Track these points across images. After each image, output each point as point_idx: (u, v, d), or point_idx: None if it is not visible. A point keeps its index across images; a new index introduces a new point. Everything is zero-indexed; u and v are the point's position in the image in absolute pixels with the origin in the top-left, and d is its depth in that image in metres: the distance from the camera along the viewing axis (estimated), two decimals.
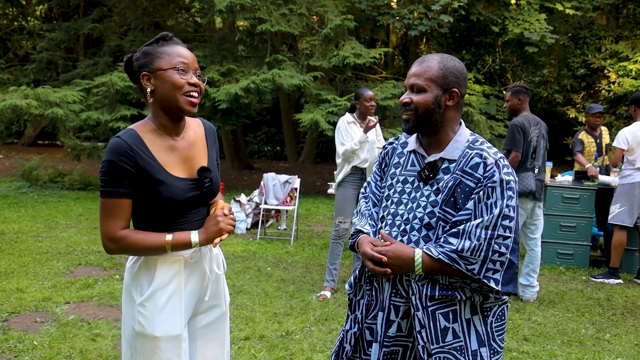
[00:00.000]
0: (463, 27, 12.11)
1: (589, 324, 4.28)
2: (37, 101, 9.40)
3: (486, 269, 1.67)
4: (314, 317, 4.15)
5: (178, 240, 1.76)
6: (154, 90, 1.76)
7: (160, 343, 1.75)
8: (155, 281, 1.77)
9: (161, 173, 1.75)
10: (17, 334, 3.63)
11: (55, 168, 11.49)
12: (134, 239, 1.73)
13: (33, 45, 14.96)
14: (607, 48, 12.60)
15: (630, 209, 5.41)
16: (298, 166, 15.14)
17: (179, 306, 1.79)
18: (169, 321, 1.77)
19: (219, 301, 1.94)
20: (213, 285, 1.91)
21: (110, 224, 1.72)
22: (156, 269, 1.78)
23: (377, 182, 1.95)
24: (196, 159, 1.85)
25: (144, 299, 1.77)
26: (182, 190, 1.77)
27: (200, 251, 1.86)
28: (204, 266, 1.86)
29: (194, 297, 1.86)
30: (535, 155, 4.79)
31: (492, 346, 1.75)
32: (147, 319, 1.75)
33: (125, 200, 1.72)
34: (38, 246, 6.06)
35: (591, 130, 6.47)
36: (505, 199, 1.69)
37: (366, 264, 1.75)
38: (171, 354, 1.76)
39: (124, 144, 1.70)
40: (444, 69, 1.74)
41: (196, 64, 1.80)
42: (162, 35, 1.81)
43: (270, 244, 6.68)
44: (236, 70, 10.33)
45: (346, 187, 4.82)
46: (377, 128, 5.01)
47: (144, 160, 1.72)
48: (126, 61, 1.82)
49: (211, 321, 1.92)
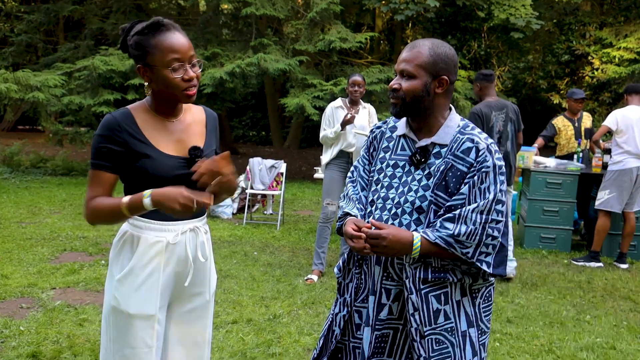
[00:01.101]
0: (449, 12, 12.11)
1: (570, 305, 4.37)
2: (17, 85, 9.23)
3: (479, 252, 1.70)
4: (300, 300, 4.19)
5: (131, 202, 1.69)
6: (150, 82, 1.76)
7: (134, 321, 1.77)
8: (134, 258, 1.78)
9: (148, 149, 1.76)
10: (3, 319, 3.61)
11: (37, 153, 11.33)
12: (98, 205, 1.74)
13: (11, 27, 14.64)
14: (591, 34, 12.70)
15: (619, 195, 5.44)
16: (283, 151, 15.10)
17: (156, 287, 1.79)
18: (144, 300, 1.78)
19: (202, 289, 1.92)
20: (198, 272, 1.88)
21: (89, 193, 1.77)
22: (137, 247, 1.79)
23: (365, 166, 1.95)
24: (190, 140, 1.85)
25: (122, 275, 1.78)
26: (169, 167, 1.77)
27: (185, 235, 1.83)
28: (188, 251, 1.83)
29: (173, 281, 1.84)
30: (501, 139, 4.79)
31: (480, 326, 1.79)
32: (123, 295, 1.77)
33: (106, 174, 1.76)
34: (22, 232, 6.00)
35: (571, 115, 6.53)
36: (498, 184, 1.73)
37: (348, 243, 1.76)
38: (143, 333, 1.78)
39: (113, 121, 1.75)
40: (434, 56, 1.74)
41: (191, 50, 1.75)
42: (154, 22, 1.74)
43: (256, 229, 6.69)
44: (221, 54, 10.24)
45: (333, 169, 4.83)
46: (371, 113, 4.98)
47: (130, 137, 1.74)
48: (123, 39, 1.79)
49: (193, 308, 1.90)
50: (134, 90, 9.82)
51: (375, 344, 1.78)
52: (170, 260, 1.81)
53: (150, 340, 1.78)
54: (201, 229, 1.88)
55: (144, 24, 1.75)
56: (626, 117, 5.44)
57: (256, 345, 3.36)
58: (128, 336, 1.77)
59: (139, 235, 1.79)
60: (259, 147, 16.89)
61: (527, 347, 3.52)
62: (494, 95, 4.90)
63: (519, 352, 3.44)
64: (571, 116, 6.52)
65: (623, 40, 11.54)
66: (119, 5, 12.28)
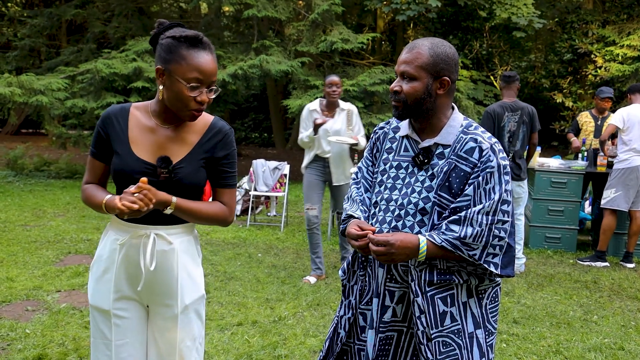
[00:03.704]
0: (450, 12, 12.09)
1: (576, 306, 4.35)
2: (20, 89, 9.25)
3: (487, 253, 1.69)
4: (306, 302, 4.18)
5: (108, 201, 1.69)
6: (163, 86, 1.74)
7: (94, 312, 1.86)
8: (98, 250, 1.89)
9: (121, 146, 1.79)
10: (9, 322, 3.61)
11: (40, 157, 11.35)
12: (88, 191, 1.82)
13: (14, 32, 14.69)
14: (594, 33, 12.66)
15: (626, 194, 5.43)
16: (286, 152, 15.10)
17: (109, 283, 1.82)
18: (100, 294, 1.84)
19: (170, 301, 1.82)
20: (161, 283, 1.81)
21: (84, 178, 1.88)
22: (104, 238, 1.88)
23: (368, 167, 1.94)
24: (171, 149, 1.79)
25: (91, 264, 1.90)
26: (132, 169, 1.77)
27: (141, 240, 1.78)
28: (140, 257, 1.78)
29: (127, 282, 1.82)
30: (512, 139, 5.02)
31: (487, 327, 1.77)
32: (90, 286, 1.88)
33: (96, 162, 1.85)
34: (26, 235, 6.01)
35: (597, 113, 6.58)
36: (503, 184, 1.70)
37: (352, 244, 1.75)
38: (102, 326, 1.84)
39: (110, 112, 1.84)
40: (434, 56, 1.71)
41: (214, 76, 1.72)
42: (195, 36, 1.71)
43: (260, 231, 6.68)
44: (223, 56, 10.25)
45: (311, 173, 4.72)
46: (350, 115, 4.67)
47: (114, 130, 1.81)
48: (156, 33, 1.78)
49: (163, 319, 1.85)
50: (136, 93, 9.83)
51: (379, 346, 1.76)
52: (124, 260, 1.81)
53: (109, 333, 1.82)
54: (167, 238, 1.80)
55: (184, 32, 1.72)
56: (632, 115, 5.43)
57: (262, 348, 3.35)
58: (93, 326, 1.87)
59: (108, 230, 1.88)
60: (261, 149, 16.90)
61: (535, 348, 3.50)
62: (512, 97, 5.13)
63: (526, 353, 3.42)
64: (597, 114, 6.57)
65: (626, 38, 11.50)
66: (121, 9, 12.32)
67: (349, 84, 9.77)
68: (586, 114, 6.70)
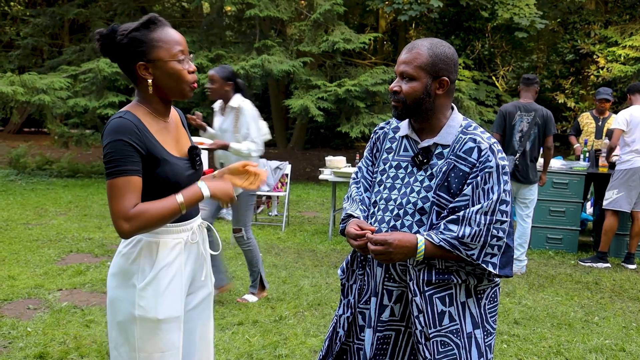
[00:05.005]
0: (452, 12, 12.09)
1: (577, 307, 4.35)
2: (23, 88, 9.28)
3: (485, 253, 1.69)
4: (306, 302, 4.18)
5: (189, 197, 1.72)
6: (154, 79, 1.71)
7: (162, 325, 1.74)
8: (157, 264, 1.75)
9: (164, 153, 1.73)
10: (11, 320, 3.62)
11: (43, 155, 11.38)
12: (149, 211, 1.64)
13: (17, 31, 14.72)
14: (596, 33, 12.64)
15: (628, 195, 5.42)
16: (288, 152, 15.10)
17: (179, 288, 1.79)
18: (171, 303, 1.76)
19: (207, 281, 1.96)
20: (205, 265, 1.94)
21: (123, 203, 1.63)
22: (158, 252, 1.76)
23: (368, 167, 1.94)
24: (182, 139, 1.86)
25: (146, 282, 1.73)
26: (182, 169, 1.77)
27: (200, 231, 1.88)
28: (201, 247, 1.89)
29: (191, 278, 1.88)
30: (522, 139, 5.08)
31: (486, 327, 1.78)
32: (150, 303, 1.73)
33: (136, 178, 1.65)
34: (28, 234, 6.02)
35: (597, 113, 6.59)
36: (502, 184, 1.71)
37: (351, 243, 1.76)
38: (172, 335, 1.77)
39: (130, 123, 1.66)
40: (433, 56, 1.72)
41: (186, 44, 1.77)
42: (151, 18, 1.71)
43: (261, 230, 6.69)
44: (225, 55, 10.26)
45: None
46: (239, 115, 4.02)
47: (149, 141, 1.69)
48: (104, 43, 1.69)
49: (200, 301, 1.93)
50: None
51: (377, 345, 1.77)
52: (189, 259, 1.84)
53: (178, 341, 1.79)
54: (203, 224, 1.94)
55: (137, 22, 1.70)
56: (634, 116, 5.42)
57: (262, 347, 3.36)
58: (157, 341, 1.74)
59: (157, 241, 1.75)
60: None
61: (535, 349, 3.50)
62: (529, 99, 5.19)
63: (527, 354, 3.42)
64: (597, 114, 6.57)
65: (628, 38, 11.48)
66: (123, 8, 12.35)
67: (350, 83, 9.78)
68: (587, 114, 6.70)
